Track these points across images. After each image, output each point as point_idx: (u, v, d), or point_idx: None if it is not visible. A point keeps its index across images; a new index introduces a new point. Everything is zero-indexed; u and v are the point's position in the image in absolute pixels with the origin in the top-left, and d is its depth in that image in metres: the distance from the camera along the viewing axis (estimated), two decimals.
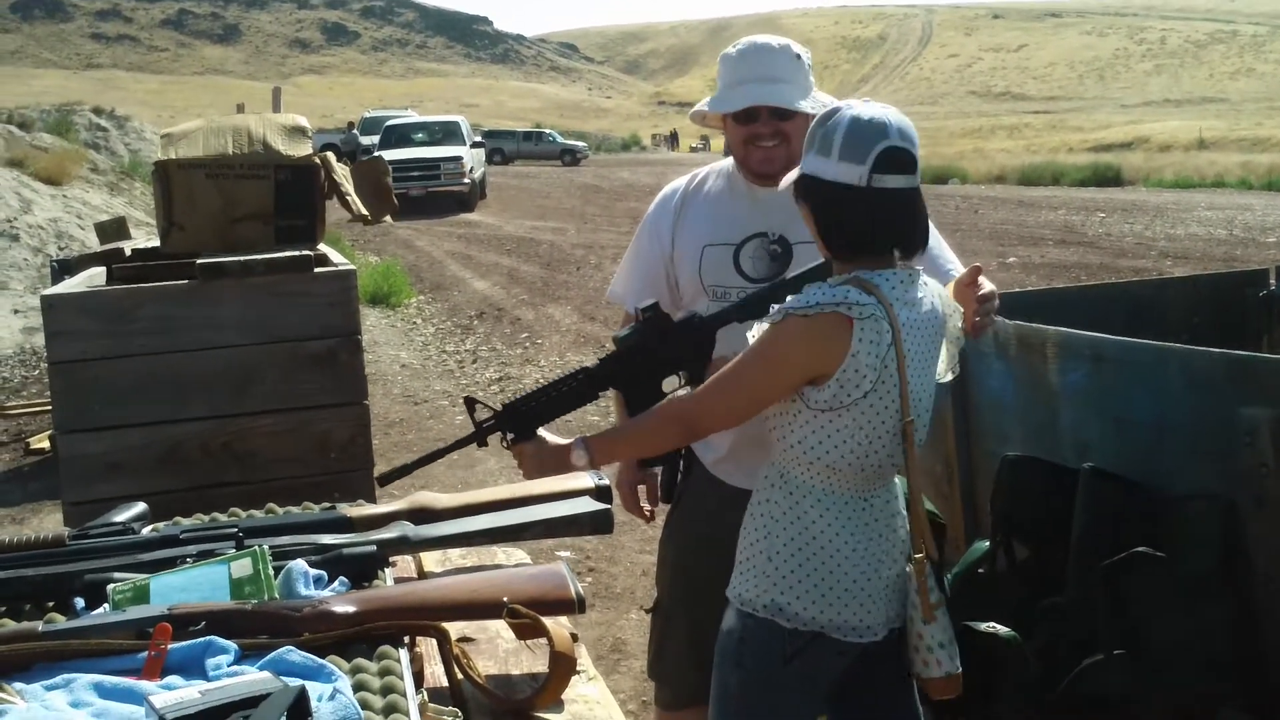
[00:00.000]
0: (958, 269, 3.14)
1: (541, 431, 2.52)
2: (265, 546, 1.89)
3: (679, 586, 3.12)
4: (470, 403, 2.66)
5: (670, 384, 2.77)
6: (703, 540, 3.04)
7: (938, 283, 2.56)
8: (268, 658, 1.59)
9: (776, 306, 2.37)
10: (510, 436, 2.58)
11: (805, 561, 2.37)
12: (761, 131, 2.88)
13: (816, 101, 2.89)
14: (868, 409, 2.33)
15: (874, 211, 2.35)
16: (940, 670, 2.40)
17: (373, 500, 2.93)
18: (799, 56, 2.93)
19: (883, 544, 2.42)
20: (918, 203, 2.41)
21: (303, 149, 3.76)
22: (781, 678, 2.40)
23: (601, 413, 7.04)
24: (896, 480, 2.49)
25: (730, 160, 3.11)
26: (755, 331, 2.43)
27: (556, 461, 2.44)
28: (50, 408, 8.16)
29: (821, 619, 2.37)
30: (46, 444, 7.99)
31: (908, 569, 2.41)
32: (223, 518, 2.31)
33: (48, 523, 6.61)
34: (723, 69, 2.97)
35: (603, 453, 2.46)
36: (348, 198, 3.97)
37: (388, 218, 4.46)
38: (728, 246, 2.98)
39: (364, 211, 4.06)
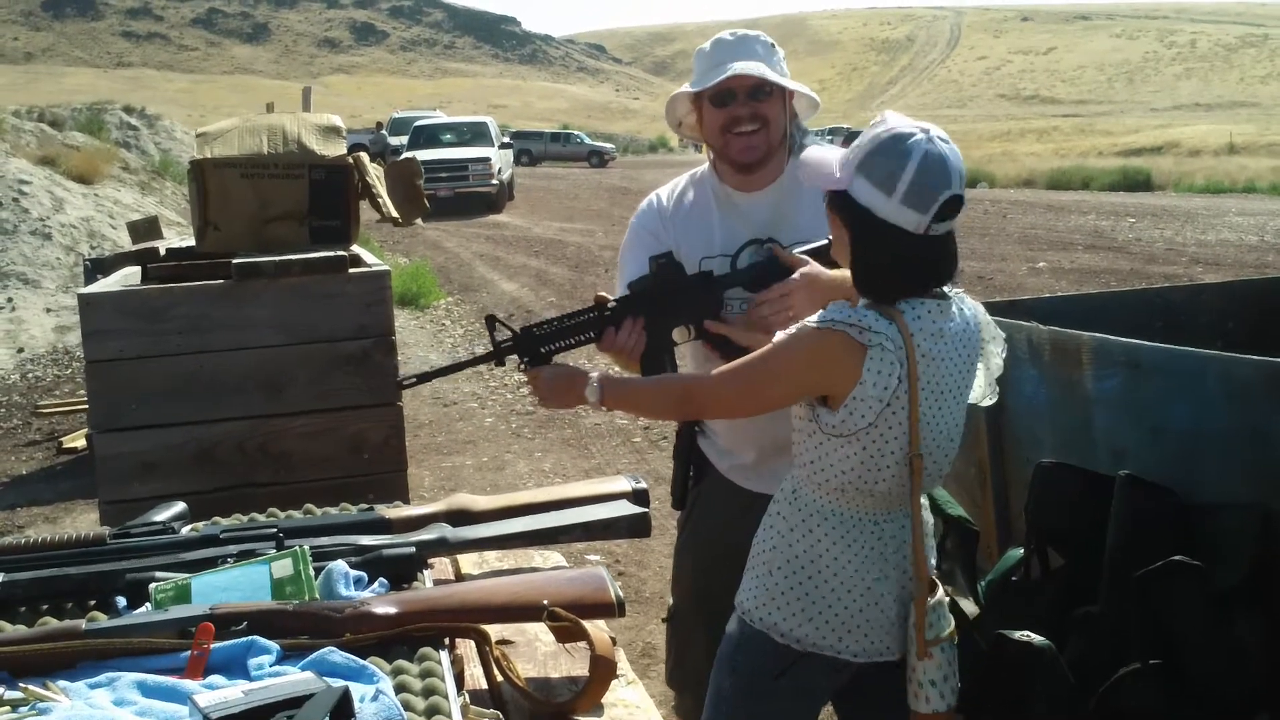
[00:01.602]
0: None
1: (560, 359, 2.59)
2: (306, 547, 1.89)
3: (697, 595, 3.09)
4: (491, 321, 2.76)
5: (680, 334, 2.87)
6: (720, 548, 3.01)
7: (979, 306, 2.52)
8: (310, 658, 1.60)
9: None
10: (526, 361, 2.73)
11: (804, 581, 2.36)
12: (740, 114, 2.85)
13: (783, 74, 2.89)
14: (876, 438, 2.29)
15: (923, 256, 2.29)
16: (928, 706, 2.38)
17: (407, 501, 2.94)
18: (772, 45, 2.92)
19: (889, 569, 2.39)
20: (954, 240, 2.37)
21: (337, 149, 3.78)
22: (772, 689, 2.40)
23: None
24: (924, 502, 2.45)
25: (705, 168, 3.07)
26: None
27: (569, 388, 2.53)
28: (83, 407, 8.25)
29: (815, 638, 2.36)
30: (80, 443, 8.04)
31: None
32: (262, 518, 2.32)
33: (80, 521, 6.65)
34: (698, 63, 2.95)
35: (612, 397, 2.50)
36: (380, 199, 3.99)
37: (418, 220, 4.47)
38: (724, 259, 2.95)
39: (395, 214, 4.07)
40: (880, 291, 2.32)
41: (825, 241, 2.69)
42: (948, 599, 3.08)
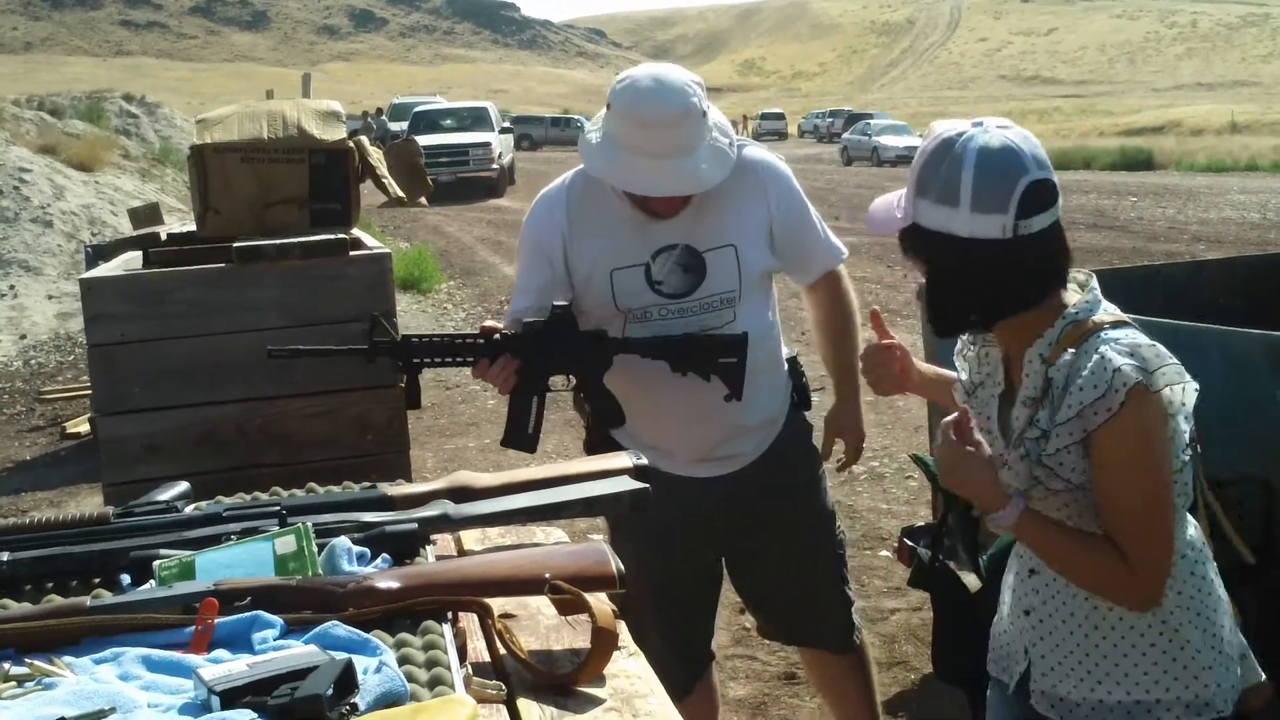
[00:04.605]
0: (824, 264, 3.16)
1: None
2: (309, 524, 1.90)
3: (643, 585, 3.00)
4: (374, 320, 2.86)
5: (557, 381, 2.93)
6: (668, 536, 3.05)
7: None
8: (313, 632, 1.61)
9: (1059, 421, 2.01)
10: (399, 365, 2.85)
11: (1219, 631, 2.13)
12: (669, 197, 2.82)
13: (718, 154, 2.79)
14: (1188, 467, 2.08)
15: (1026, 263, 2.01)
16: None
17: (410, 481, 2.95)
18: (704, 113, 2.78)
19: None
20: (1062, 232, 2.09)
21: (337, 133, 3.79)
22: None
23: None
24: None
25: None
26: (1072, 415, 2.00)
27: (987, 486, 2.07)
28: (86, 392, 8.26)
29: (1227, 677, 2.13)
30: (83, 428, 8.06)
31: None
32: (265, 496, 2.33)
33: (84, 505, 6.67)
34: (620, 123, 2.77)
35: (1027, 532, 2.10)
36: (384, 180, 4.00)
37: (422, 199, 4.48)
38: (637, 268, 2.91)
39: (400, 193, 4.09)
40: (996, 314, 2.08)
41: (741, 334, 2.83)
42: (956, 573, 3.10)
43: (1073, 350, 2.00)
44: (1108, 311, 2.08)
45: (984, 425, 2.20)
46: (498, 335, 2.83)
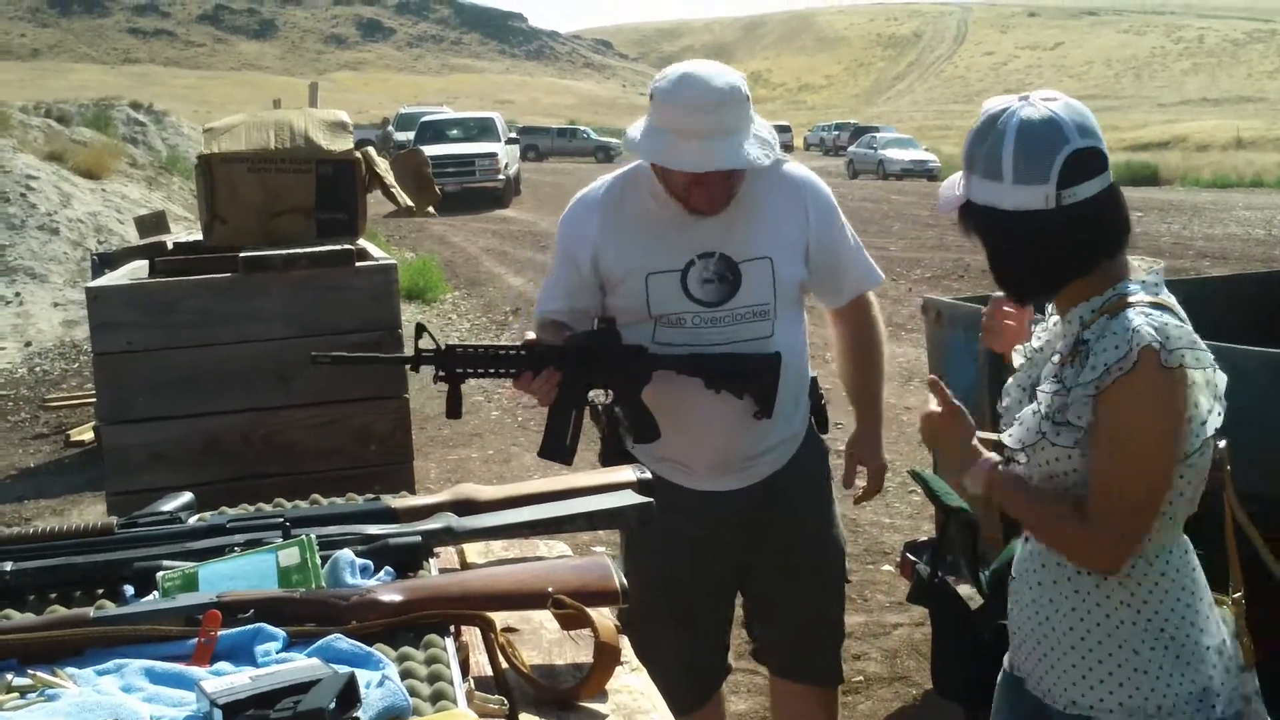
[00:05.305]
0: (857, 287, 3.14)
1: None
2: (312, 536, 1.90)
3: (657, 602, 3.03)
4: (420, 329, 2.83)
5: (595, 395, 2.95)
6: (681, 549, 3.05)
7: None
8: (316, 645, 1.61)
9: (1081, 382, 2.03)
10: (440, 375, 2.83)
11: (1191, 627, 2.11)
12: (712, 179, 2.78)
13: (763, 143, 2.79)
14: (1206, 451, 2.10)
15: (1073, 233, 2.03)
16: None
17: (413, 493, 2.95)
18: (746, 99, 2.78)
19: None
20: (1118, 197, 2.09)
21: (344, 143, 3.79)
22: None
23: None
24: None
25: (644, 167, 2.97)
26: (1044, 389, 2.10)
27: (961, 446, 2.21)
28: (90, 400, 8.27)
29: (1215, 687, 2.12)
30: (87, 436, 8.07)
31: (1223, 611, 2.20)
32: (268, 508, 2.33)
33: (88, 513, 6.68)
34: (665, 109, 2.77)
35: (996, 489, 2.18)
36: (392, 189, 4.01)
37: (431, 208, 4.49)
38: (673, 273, 2.90)
39: (409, 202, 4.09)
40: (1046, 287, 2.12)
41: (775, 353, 2.86)
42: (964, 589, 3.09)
43: (1110, 317, 2.03)
44: (1162, 298, 2.08)
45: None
46: (540, 348, 2.83)
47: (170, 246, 4.31)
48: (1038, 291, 2.16)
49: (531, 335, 2.88)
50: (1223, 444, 2.20)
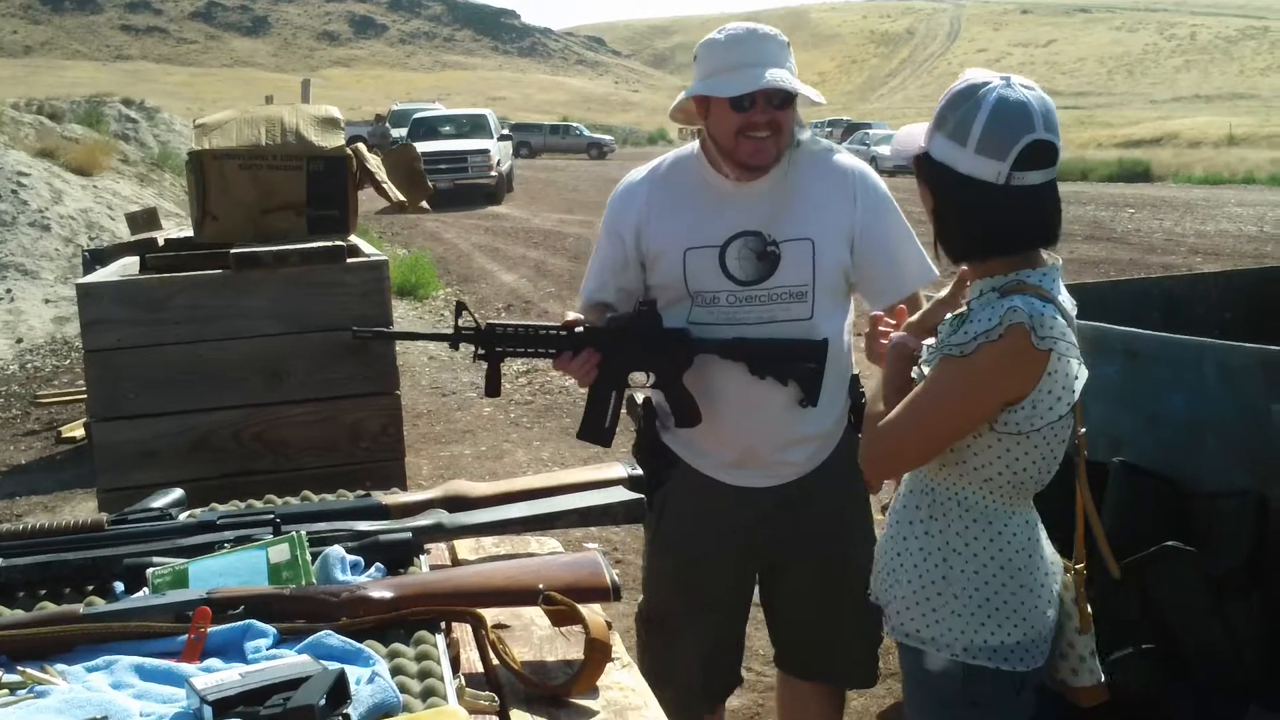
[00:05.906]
0: (912, 283, 3.07)
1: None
2: (303, 532, 1.90)
3: (684, 592, 3.04)
4: (460, 307, 2.84)
5: (637, 378, 2.90)
6: (700, 545, 3.02)
7: None
8: (306, 641, 1.61)
9: (952, 342, 2.17)
10: (480, 354, 2.83)
11: (1020, 589, 2.27)
12: (757, 120, 2.75)
13: (809, 90, 2.81)
14: (1059, 429, 2.22)
15: (1012, 211, 2.15)
16: (1091, 679, 2.35)
17: (405, 489, 2.95)
18: (786, 44, 2.83)
19: (1050, 556, 2.36)
20: (1055, 193, 2.21)
21: (335, 140, 3.79)
22: (1018, 704, 2.33)
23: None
24: None
25: (693, 148, 2.99)
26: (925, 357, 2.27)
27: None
28: (82, 396, 8.25)
29: (1027, 644, 2.29)
30: (78, 433, 8.05)
31: (1066, 579, 2.36)
32: (259, 504, 2.33)
33: (79, 510, 6.66)
34: (709, 56, 2.82)
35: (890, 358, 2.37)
36: (384, 185, 4.00)
37: (424, 203, 4.48)
38: (711, 249, 2.87)
39: (401, 198, 4.08)
40: (972, 251, 2.23)
41: (823, 339, 2.84)
42: None
43: (1000, 295, 2.16)
44: (1058, 293, 2.20)
45: None
46: (580, 329, 2.81)
47: (161, 243, 4.30)
48: (965, 252, 2.25)
49: (572, 315, 2.87)
50: (1083, 431, 2.36)
